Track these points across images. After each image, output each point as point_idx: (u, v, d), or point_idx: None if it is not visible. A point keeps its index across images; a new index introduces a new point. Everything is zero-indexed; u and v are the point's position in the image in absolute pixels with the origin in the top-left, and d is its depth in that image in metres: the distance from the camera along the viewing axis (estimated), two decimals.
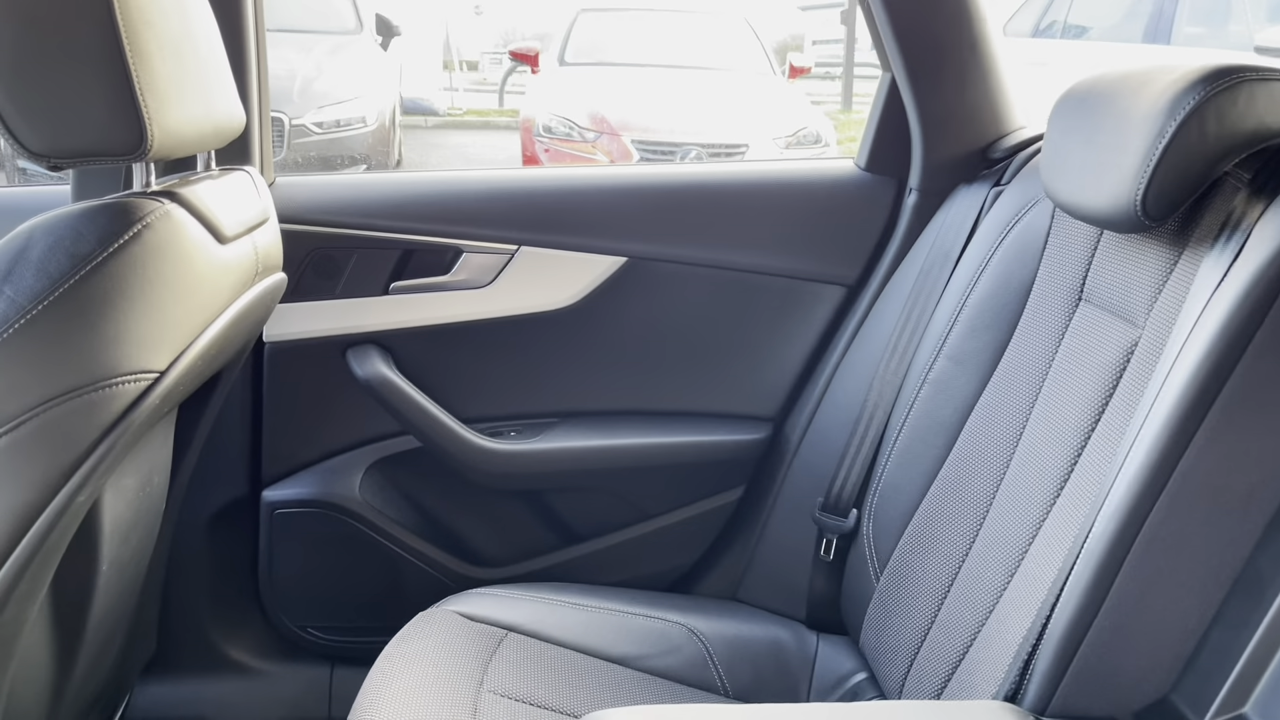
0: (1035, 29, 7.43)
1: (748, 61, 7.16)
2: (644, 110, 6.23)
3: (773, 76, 7.12)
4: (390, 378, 1.52)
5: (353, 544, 1.58)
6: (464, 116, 11.01)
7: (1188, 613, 0.91)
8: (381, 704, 1.16)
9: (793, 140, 6.07)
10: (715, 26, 7.49)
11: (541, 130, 6.38)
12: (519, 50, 7.79)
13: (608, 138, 6.13)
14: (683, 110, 6.27)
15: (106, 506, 1.05)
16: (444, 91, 11.76)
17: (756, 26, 7.56)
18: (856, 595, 1.39)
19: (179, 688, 1.60)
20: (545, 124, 6.38)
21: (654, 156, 5.98)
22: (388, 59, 7.19)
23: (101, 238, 0.89)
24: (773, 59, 7.34)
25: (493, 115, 11.14)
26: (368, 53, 6.76)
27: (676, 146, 6.03)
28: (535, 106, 6.59)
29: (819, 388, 1.54)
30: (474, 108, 11.53)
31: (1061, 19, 7.45)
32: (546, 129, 6.37)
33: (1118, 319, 1.09)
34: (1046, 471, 1.12)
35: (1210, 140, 0.94)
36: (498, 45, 15.28)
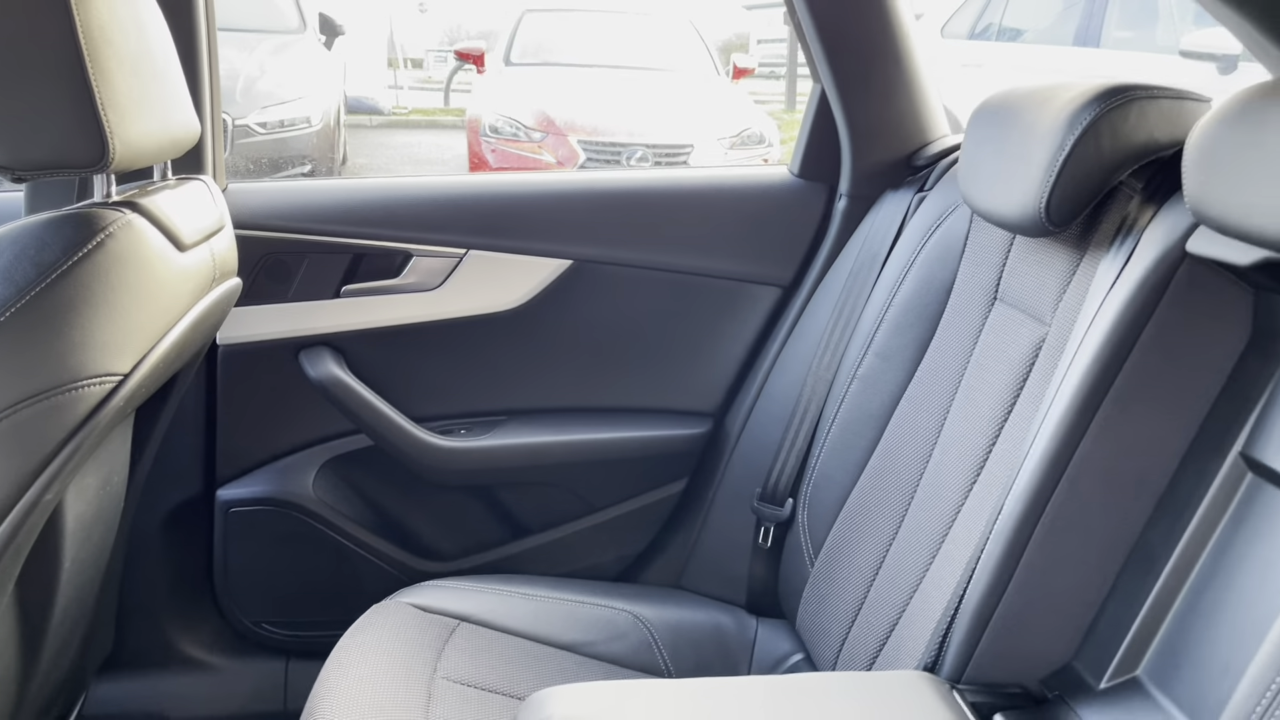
0: (972, 31, 7.59)
1: (692, 62, 7.24)
2: (590, 111, 6.26)
3: (717, 77, 7.21)
4: (342, 378, 1.56)
5: (307, 540, 1.62)
6: (409, 116, 10.96)
7: (1087, 586, 0.99)
8: (337, 693, 1.20)
9: (736, 141, 6.15)
10: (660, 28, 7.56)
11: (488, 130, 6.39)
12: (464, 50, 7.79)
13: (554, 138, 6.16)
14: (628, 111, 6.32)
15: (69, 506, 1.09)
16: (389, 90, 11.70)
17: (700, 28, 7.64)
18: (793, 580, 1.47)
19: (135, 684, 1.63)
20: (491, 124, 6.39)
21: (600, 157, 6.03)
22: (331, 58, 7.15)
23: (66, 247, 0.93)
24: (717, 60, 7.43)
25: (439, 114, 11.10)
26: (311, 52, 6.72)
27: (622, 147, 6.08)
28: (481, 107, 6.60)
29: (757, 384, 1.61)
30: (419, 106, 11.48)
31: (997, 21, 7.63)
32: (493, 129, 6.38)
33: (1028, 317, 1.18)
34: (965, 459, 1.20)
35: (1105, 153, 1.03)
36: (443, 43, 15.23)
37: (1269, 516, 0.87)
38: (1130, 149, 1.03)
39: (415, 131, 10.37)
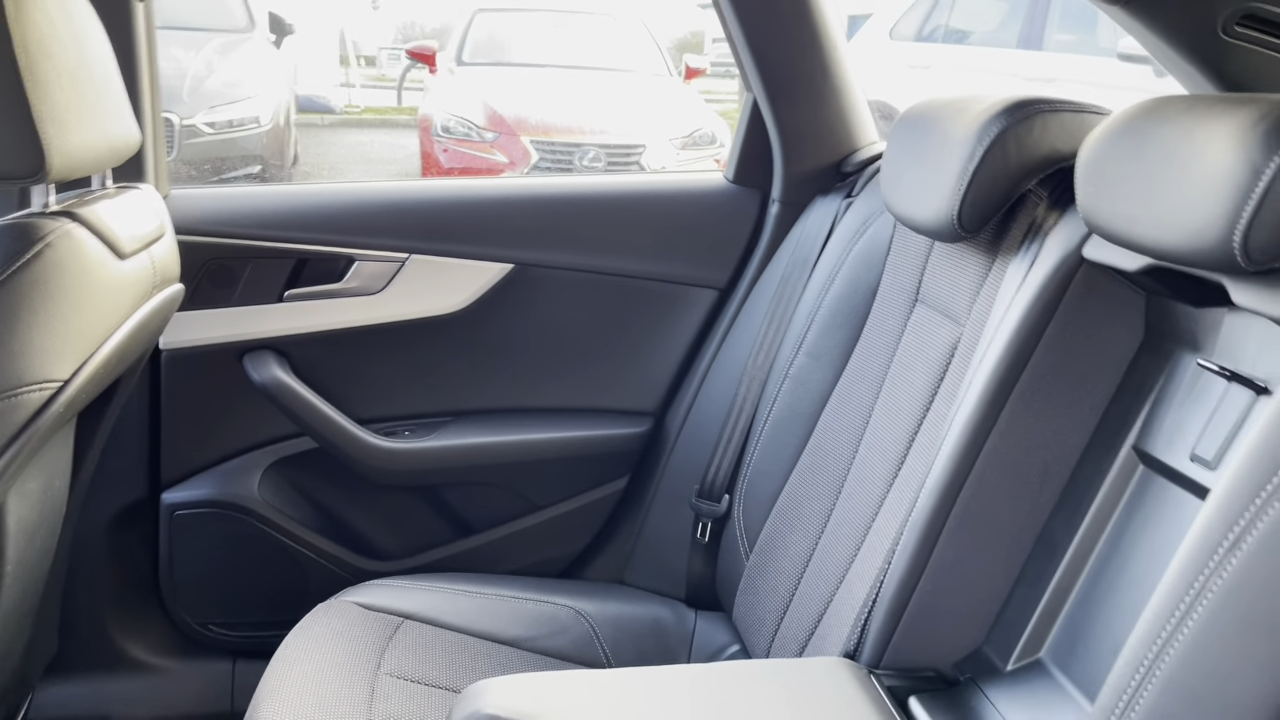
0: (919, 33, 7.72)
1: (644, 63, 7.27)
2: (542, 111, 6.28)
3: (669, 78, 7.25)
4: (286, 381, 1.58)
5: (252, 542, 1.64)
6: (362, 114, 10.88)
7: (995, 574, 1.05)
8: (282, 689, 1.23)
9: (688, 141, 6.20)
10: (612, 28, 7.59)
11: (440, 130, 6.38)
12: (416, 49, 7.75)
13: (506, 138, 6.17)
14: (580, 111, 6.34)
15: (11, 509, 1.10)
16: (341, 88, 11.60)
17: (653, 28, 7.67)
18: (729, 574, 1.51)
19: (81, 686, 1.64)
20: (443, 124, 6.38)
21: (552, 157, 6.05)
22: (281, 56, 7.10)
23: (4, 257, 0.95)
24: (669, 60, 7.47)
25: (392, 113, 11.03)
26: (260, 51, 6.67)
27: (575, 147, 6.10)
28: (433, 106, 6.59)
29: (695, 383, 1.66)
30: (372, 105, 11.40)
31: (944, 24, 7.76)
32: (445, 129, 6.37)
33: (945, 318, 1.23)
34: (887, 455, 1.26)
35: (1012, 163, 1.09)
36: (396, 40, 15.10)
37: (1157, 506, 0.93)
38: (1034, 159, 1.09)
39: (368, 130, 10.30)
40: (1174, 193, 0.78)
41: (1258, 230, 0.72)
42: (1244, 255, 0.73)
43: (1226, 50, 1.16)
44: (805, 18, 1.51)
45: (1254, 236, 0.72)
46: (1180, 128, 0.80)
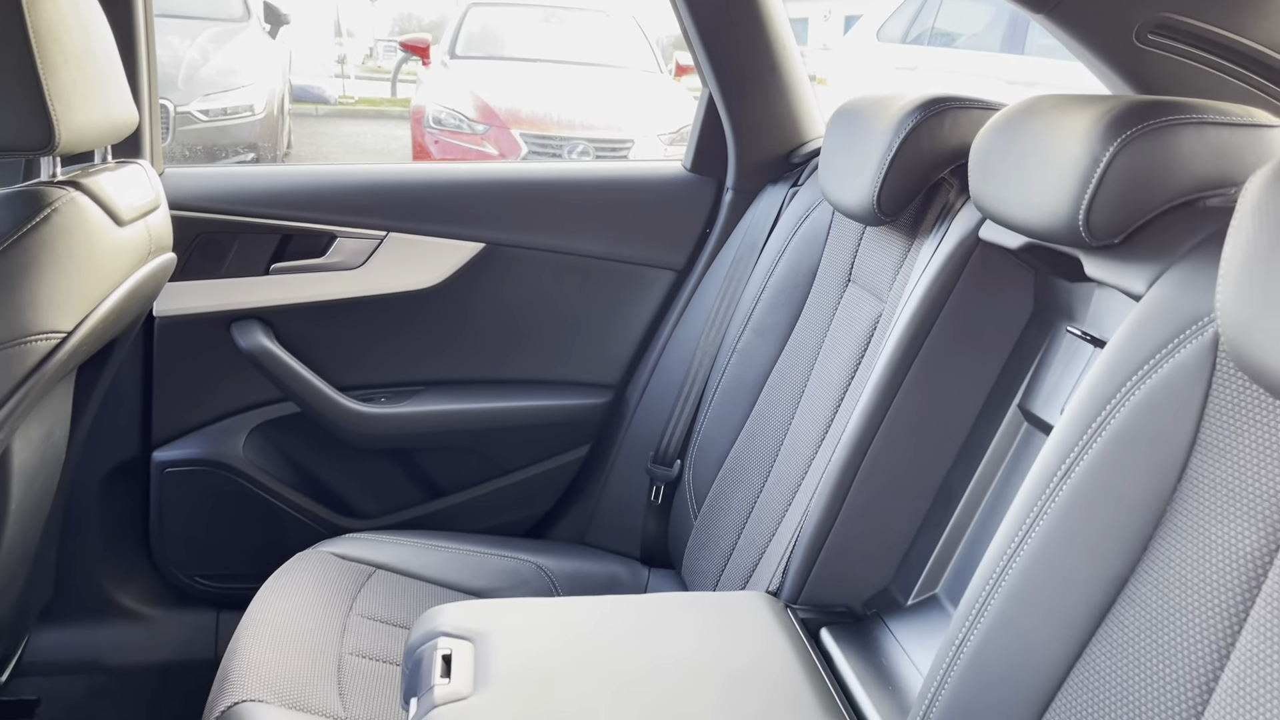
0: (905, 35, 7.84)
1: (636, 59, 7.38)
2: (532, 104, 6.38)
3: (659, 74, 7.36)
4: (271, 349, 1.70)
5: (237, 499, 1.75)
6: (356, 105, 10.97)
7: (901, 520, 1.17)
8: (261, 624, 1.34)
9: (675, 137, 6.31)
10: (604, 24, 7.69)
11: (431, 122, 6.48)
12: (409, 42, 7.86)
13: (496, 130, 6.27)
14: (570, 105, 6.44)
15: (15, 453, 1.22)
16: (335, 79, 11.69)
17: (645, 24, 7.78)
18: (679, 533, 1.63)
19: (74, 632, 1.75)
20: (435, 116, 6.48)
21: (542, 150, 6.15)
22: (276, 46, 7.19)
23: (16, 219, 1.06)
24: (659, 56, 7.57)
25: (385, 105, 11.12)
26: (255, 40, 6.76)
27: (564, 141, 6.21)
28: (426, 98, 6.69)
29: (653, 358, 1.78)
30: (366, 96, 11.49)
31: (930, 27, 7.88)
32: (436, 121, 6.47)
33: (870, 295, 1.35)
34: (817, 420, 1.38)
35: (925, 153, 1.21)
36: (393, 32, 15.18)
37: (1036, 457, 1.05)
38: (945, 151, 1.21)
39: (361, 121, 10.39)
40: (1038, 178, 0.91)
41: (1097, 210, 0.84)
42: (1087, 232, 0.85)
43: (1142, 57, 1.27)
44: (756, 19, 1.63)
45: (1094, 216, 0.84)
46: (1047, 122, 0.92)
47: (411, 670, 1.02)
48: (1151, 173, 0.82)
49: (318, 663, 1.29)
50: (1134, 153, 0.82)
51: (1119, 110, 0.84)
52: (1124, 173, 0.82)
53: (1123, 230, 0.85)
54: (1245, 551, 0.67)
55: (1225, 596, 0.67)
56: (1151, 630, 0.72)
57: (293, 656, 1.29)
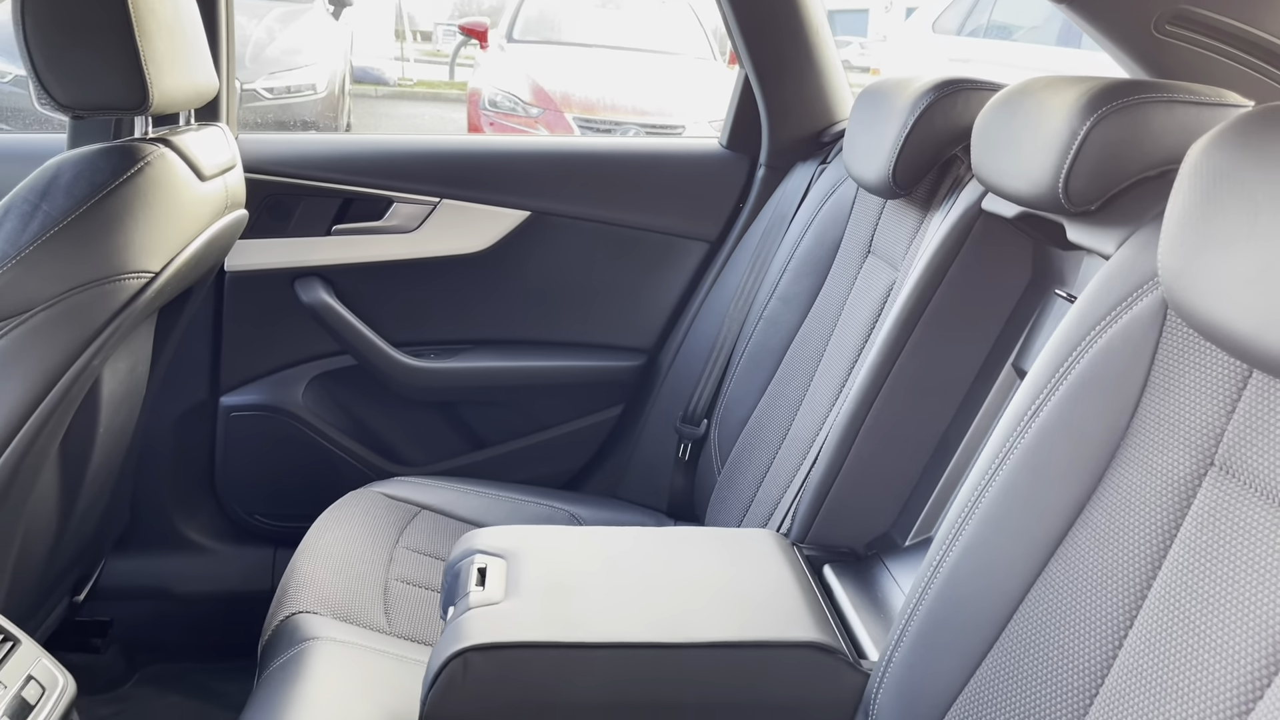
0: (961, 28, 7.83)
1: (690, 45, 7.45)
2: (586, 88, 6.49)
3: (713, 61, 7.42)
4: (331, 304, 1.83)
5: (295, 444, 1.89)
6: (414, 87, 11.15)
7: (902, 470, 1.26)
8: (316, 550, 1.48)
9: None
10: (660, 10, 7.77)
11: (487, 104, 6.62)
12: (468, 25, 8.00)
13: (550, 114, 6.39)
14: (624, 90, 6.54)
15: (105, 381, 1.36)
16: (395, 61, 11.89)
17: (700, 12, 7.84)
18: (703, 488, 1.74)
19: (144, 561, 1.90)
20: (491, 98, 6.62)
21: (594, 134, 6.26)
22: (339, 27, 7.38)
23: (114, 171, 1.20)
24: (714, 44, 7.63)
25: (443, 88, 11.29)
26: (319, 21, 6.95)
27: (616, 125, 6.31)
28: (482, 81, 6.84)
29: (685, 324, 1.88)
30: (424, 79, 11.66)
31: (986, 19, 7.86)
32: (492, 103, 6.61)
33: (887, 265, 1.45)
34: (833, 381, 1.47)
35: (938, 131, 1.30)
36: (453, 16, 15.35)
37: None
38: (957, 128, 1.30)
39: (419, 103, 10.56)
40: (1028, 151, 1.00)
41: (1075, 179, 0.93)
42: (1066, 198, 0.94)
43: (1160, 47, 1.35)
44: (791, 5, 1.72)
45: (1072, 184, 0.93)
46: (1038, 101, 1.01)
47: (450, 582, 1.14)
48: (1124, 146, 0.91)
49: (366, 585, 1.42)
50: (1108, 127, 0.91)
51: (1097, 89, 0.93)
52: (1098, 145, 0.91)
53: (1098, 198, 0.93)
54: (1179, 476, 0.76)
55: (1161, 516, 0.77)
56: (1099, 549, 0.81)
57: (344, 578, 1.42)
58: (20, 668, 1.14)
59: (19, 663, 1.14)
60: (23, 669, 1.14)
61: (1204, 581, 0.71)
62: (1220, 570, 0.71)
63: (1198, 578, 0.72)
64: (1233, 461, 0.73)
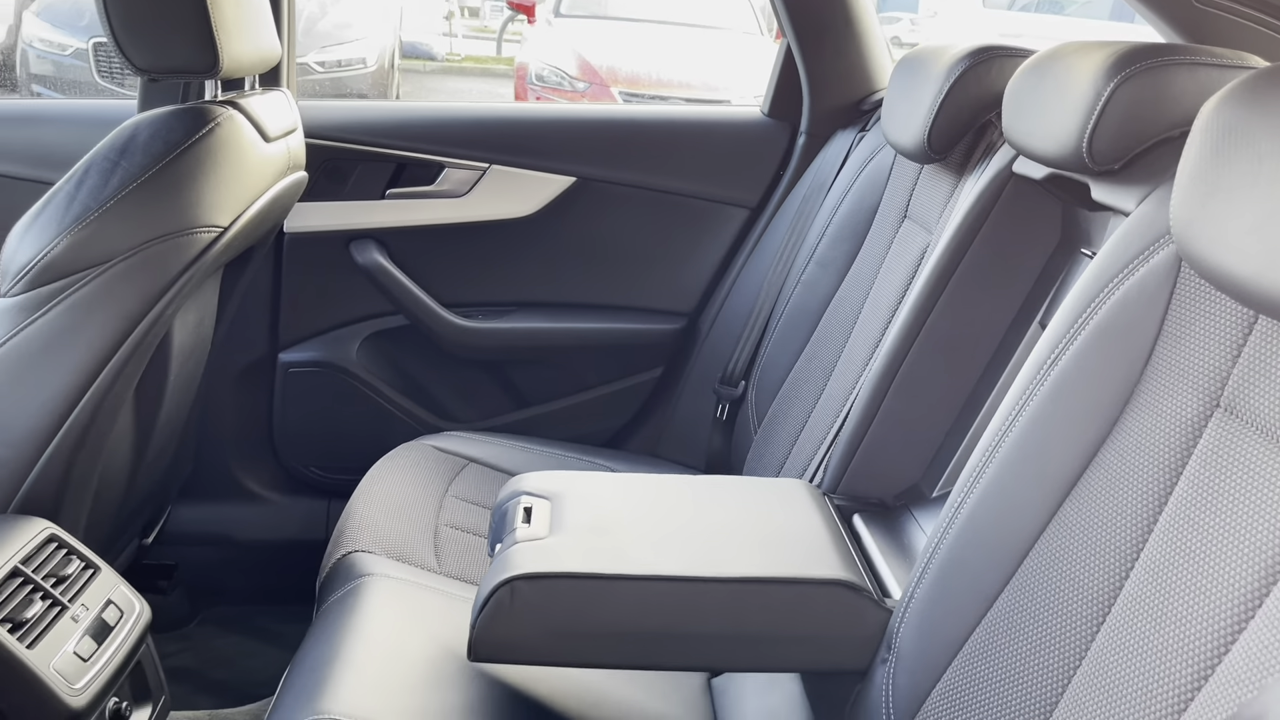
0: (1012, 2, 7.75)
1: (737, 20, 7.44)
2: (632, 63, 6.52)
3: (760, 36, 7.41)
4: (385, 266, 1.91)
5: (349, 400, 1.97)
6: (462, 63, 11.23)
7: (931, 424, 1.31)
8: (371, 495, 1.56)
9: None
10: None
11: (534, 79, 6.67)
12: (516, 1, 8.06)
13: (596, 88, 6.44)
14: (670, 65, 6.56)
15: (175, 333, 1.44)
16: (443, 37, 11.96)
17: None
18: (740, 446, 1.80)
19: (207, 509, 2.00)
20: (538, 73, 6.68)
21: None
22: (389, 2, 7.46)
23: (187, 131, 1.27)
24: (761, 20, 7.61)
25: (491, 63, 11.36)
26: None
27: (661, 100, 6.34)
28: (529, 55, 6.89)
29: (725, 288, 1.94)
30: (472, 54, 11.74)
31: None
32: (539, 78, 6.67)
33: (921, 228, 1.49)
34: (867, 341, 1.52)
35: (971, 97, 1.33)
36: None
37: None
38: (991, 94, 1.33)
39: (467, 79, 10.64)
40: (1055, 112, 1.03)
41: (1098, 139, 0.97)
42: (1090, 158, 0.98)
43: (1200, 16, 1.37)
44: None
45: (1095, 143, 0.97)
46: (1066, 65, 1.05)
47: (498, 521, 1.21)
48: (1146, 106, 0.95)
49: (418, 528, 1.50)
50: (1131, 88, 0.95)
51: (1122, 52, 0.97)
52: (1121, 105, 0.95)
53: (1120, 157, 0.97)
54: (1187, 417, 0.80)
55: (1169, 455, 0.81)
56: (1110, 488, 0.86)
57: (397, 521, 1.49)
58: (100, 593, 1.23)
59: (99, 588, 1.23)
60: (102, 594, 1.23)
61: (1205, 515, 0.76)
62: (1220, 504, 0.75)
63: (1200, 511, 0.77)
64: (1237, 403, 0.77)
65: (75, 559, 1.22)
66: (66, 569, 1.20)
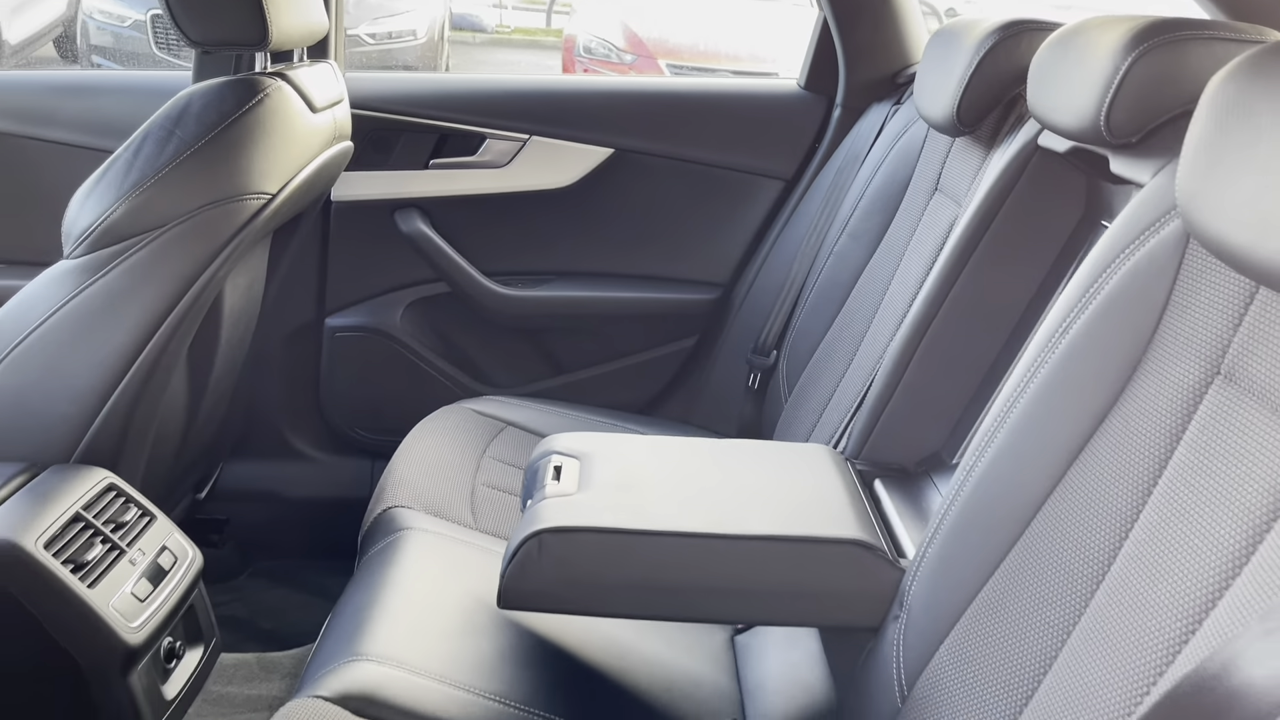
0: None
1: None
2: (680, 34, 6.52)
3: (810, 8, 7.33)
4: (428, 234, 1.96)
5: (393, 364, 2.04)
6: (511, 34, 11.26)
7: (954, 393, 1.34)
8: (412, 454, 1.62)
9: None
10: None
11: (582, 51, 6.69)
12: None
13: (643, 60, 6.44)
14: (718, 37, 6.55)
15: (226, 295, 1.51)
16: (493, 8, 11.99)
17: None
18: (771, 414, 1.83)
19: (257, 467, 2.08)
20: (585, 45, 6.69)
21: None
22: None
23: (239, 101, 1.33)
24: None
25: (539, 34, 11.37)
26: None
27: (708, 72, 6.32)
28: (578, 27, 6.91)
29: (759, 260, 1.97)
30: (522, 26, 11.76)
31: None
32: (586, 50, 6.68)
33: (952, 201, 1.50)
34: (896, 312, 1.54)
35: (1001, 70, 1.35)
36: None
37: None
38: (1020, 68, 1.34)
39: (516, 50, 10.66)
40: (1076, 86, 1.05)
41: (1116, 112, 0.99)
42: (1108, 131, 1.00)
43: None
44: None
45: (1113, 116, 0.99)
46: (1088, 39, 1.06)
47: (529, 479, 1.26)
48: (1163, 81, 0.96)
49: (455, 486, 1.56)
50: (1149, 62, 0.96)
51: (1142, 26, 0.98)
52: (1139, 79, 0.96)
53: (1138, 130, 0.99)
54: (1189, 386, 0.83)
55: (1170, 420, 0.84)
56: (1115, 453, 0.88)
57: (436, 479, 1.55)
58: (156, 539, 1.31)
59: (155, 535, 1.31)
60: (158, 541, 1.31)
61: (1201, 477, 0.79)
62: (1215, 467, 0.78)
63: (1196, 474, 0.79)
64: (1236, 370, 0.79)
65: (133, 507, 1.29)
66: (125, 516, 1.27)
